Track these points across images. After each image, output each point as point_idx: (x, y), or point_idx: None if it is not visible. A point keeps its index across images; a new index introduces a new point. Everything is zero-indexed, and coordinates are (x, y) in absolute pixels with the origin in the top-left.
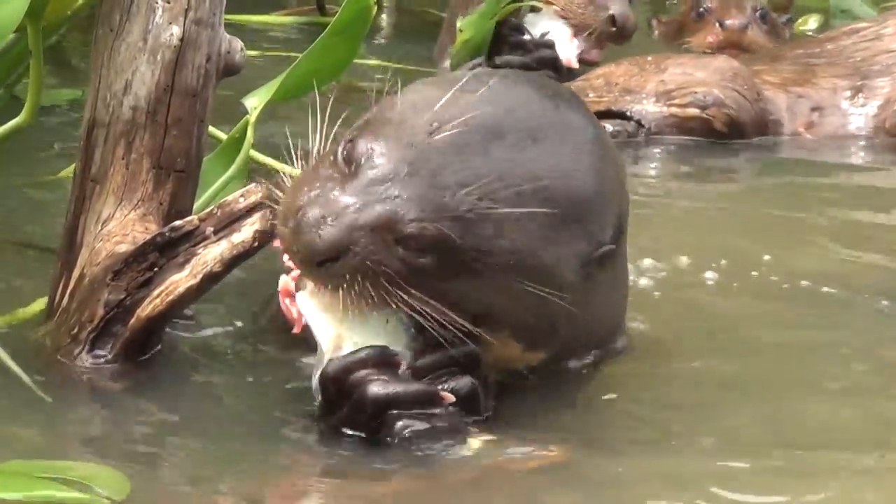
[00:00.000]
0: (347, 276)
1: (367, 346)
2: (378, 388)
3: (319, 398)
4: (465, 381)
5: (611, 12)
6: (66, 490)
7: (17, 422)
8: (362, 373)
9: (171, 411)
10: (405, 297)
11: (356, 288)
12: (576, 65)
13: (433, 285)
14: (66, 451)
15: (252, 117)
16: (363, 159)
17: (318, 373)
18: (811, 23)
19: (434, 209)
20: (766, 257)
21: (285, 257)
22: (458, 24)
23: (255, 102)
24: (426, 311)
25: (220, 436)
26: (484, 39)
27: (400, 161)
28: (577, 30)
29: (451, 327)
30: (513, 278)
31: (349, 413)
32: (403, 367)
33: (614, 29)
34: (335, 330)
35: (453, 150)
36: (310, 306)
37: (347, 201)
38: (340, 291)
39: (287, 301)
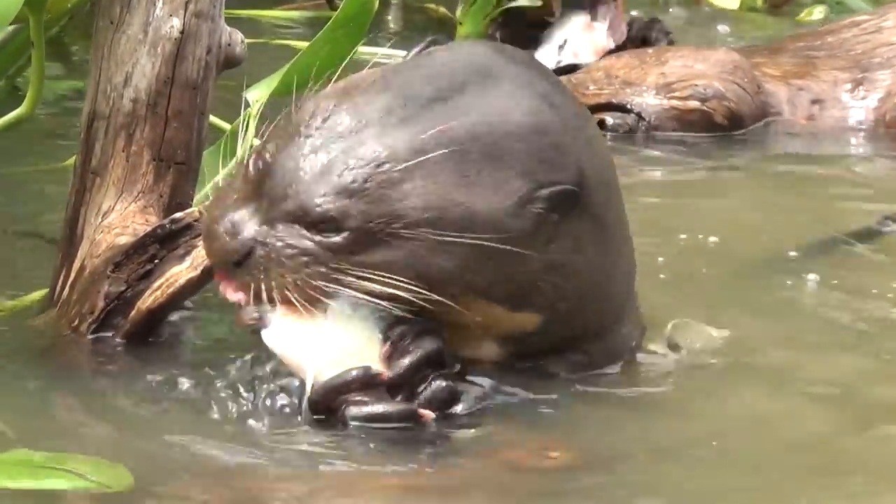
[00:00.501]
0: (263, 269)
1: (350, 369)
2: (358, 410)
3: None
4: (439, 386)
5: None
6: (74, 479)
7: (15, 411)
8: (343, 396)
9: (172, 401)
10: (341, 277)
11: (277, 279)
12: (593, 57)
13: (363, 259)
14: (67, 439)
15: (253, 110)
16: (263, 164)
17: (305, 399)
18: (816, 13)
19: (332, 189)
20: (768, 251)
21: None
22: (458, 14)
23: (256, 95)
24: (370, 286)
25: (220, 422)
26: (482, 33)
27: (291, 156)
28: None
29: (404, 295)
30: (441, 233)
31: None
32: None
33: None
34: (309, 355)
35: (345, 133)
36: (278, 338)
37: (250, 203)
38: (262, 286)
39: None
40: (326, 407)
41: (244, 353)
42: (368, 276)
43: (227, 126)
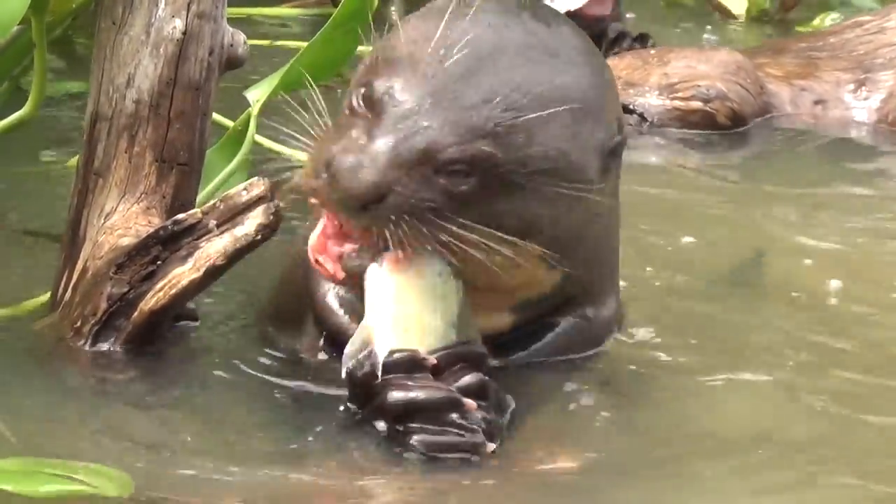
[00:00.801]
0: (394, 217)
1: (398, 350)
2: (399, 393)
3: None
4: (471, 379)
5: None
6: (73, 484)
7: (16, 416)
8: (384, 379)
9: (174, 404)
10: (454, 227)
11: (404, 227)
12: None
13: (479, 210)
14: (68, 444)
15: (254, 110)
16: (384, 99)
17: (347, 357)
18: (828, 21)
19: (466, 131)
20: (770, 253)
21: (321, 215)
22: None
23: (257, 95)
24: (476, 240)
25: (222, 429)
26: None
27: (421, 93)
28: None
29: (496, 250)
30: (550, 182)
31: (372, 414)
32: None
33: None
34: (390, 311)
35: (467, 73)
36: (378, 282)
37: (380, 142)
38: (387, 233)
39: (321, 258)
40: (364, 386)
41: (244, 354)
42: (479, 228)
43: (230, 125)
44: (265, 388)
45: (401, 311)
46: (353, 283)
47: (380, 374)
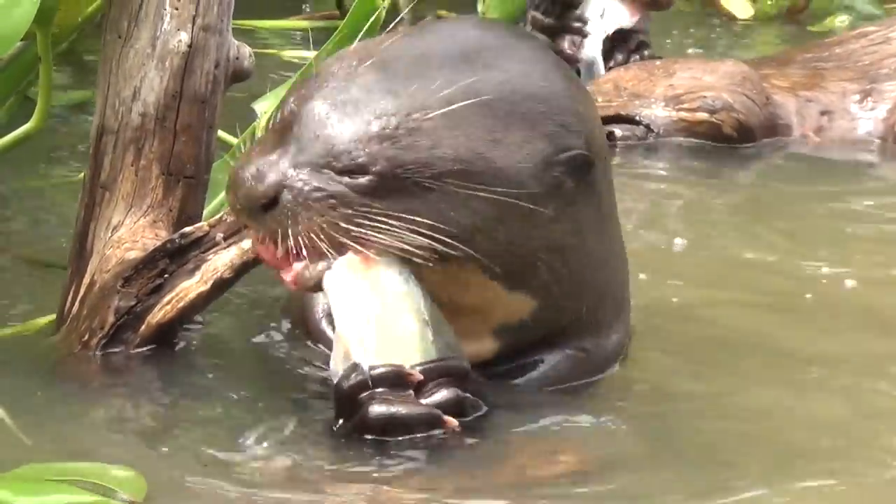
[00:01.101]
0: (291, 213)
1: (381, 365)
2: (381, 408)
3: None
4: (447, 394)
5: None
6: (81, 493)
7: (27, 427)
8: (369, 392)
9: (183, 409)
10: (366, 221)
11: (306, 222)
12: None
13: (389, 207)
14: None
15: (261, 122)
16: (291, 114)
17: (333, 371)
18: (837, 22)
19: (361, 134)
20: (774, 262)
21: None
22: (480, 7)
23: (264, 107)
24: (393, 231)
25: (232, 441)
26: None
27: (320, 105)
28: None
29: (420, 247)
30: (464, 185)
31: (357, 427)
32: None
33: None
34: (362, 319)
35: (374, 81)
36: (340, 289)
37: (279, 149)
38: (292, 234)
39: (282, 273)
40: (350, 399)
41: (254, 368)
42: (392, 221)
43: (233, 140)
44: (271, 395)
45: (372, 318)
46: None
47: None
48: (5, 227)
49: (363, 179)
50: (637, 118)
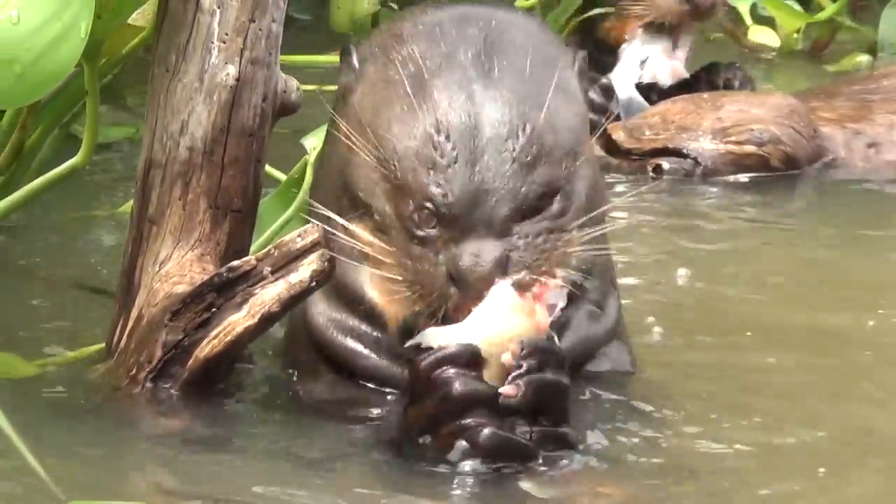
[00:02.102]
0: (529, 261)
1: (460, 344)
2: (464, 385)
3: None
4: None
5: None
6: None
7: (74, 460)
8: (452, 371)
9: (229, 449)
10: (570, 236)
11: (544, 257)
12: (670, 80)
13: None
14: (125, 489)
15: (311, 157)
16: (448, 208)
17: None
18: (857, 61)
19: (523, 174)
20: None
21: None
22: None
23: (314, 142)
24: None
25: (280, 478)
26: None
27: (471, 171)
28: (663, 29)
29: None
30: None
31: (435, 405)
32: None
33: (693, 7)
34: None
35: (480, 132)
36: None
37: (466, 235)
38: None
39: None
40: (427, 378)
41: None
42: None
43: (281, 176)
44: (317, 433)
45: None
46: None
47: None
48: (52, 255)
49: (553, 205)
50: (685, 151)
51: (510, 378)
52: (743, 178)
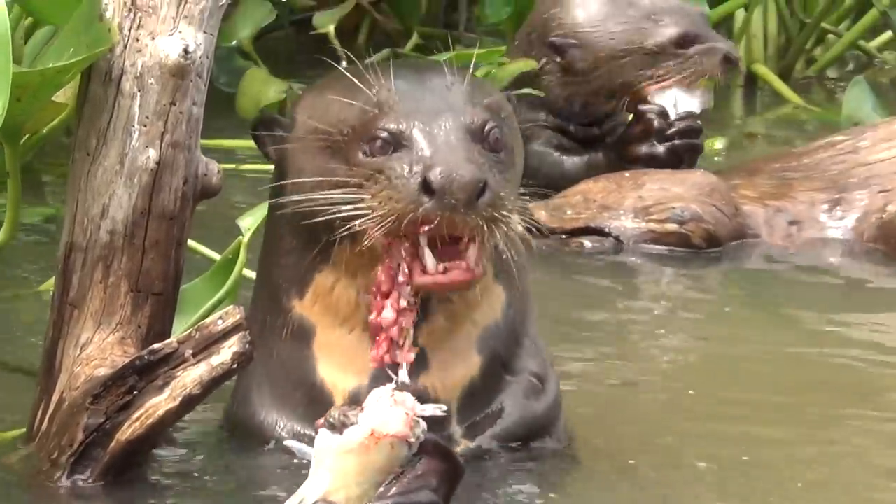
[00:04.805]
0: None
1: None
2: None
3: None
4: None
5: (723, 52)
6: None
7: None
8: None
9: None
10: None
11: (495, 218)
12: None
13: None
14: None
15: (245, 238)
16: (412, 132)
17: None
18: (717, 144)
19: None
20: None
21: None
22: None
23: (249, 223)
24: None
25: None
26: None
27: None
28: (696, 84)
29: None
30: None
31: None
32: None
33: (729, 65)
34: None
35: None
36: (326, 449)
37: (452, 147)
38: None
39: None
40: None
41: (221, 482)
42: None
43: (214, 255)
44: None
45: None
46: None
47: None
48: None
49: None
50: (606, 230)
51: None
52: (664, 252)
